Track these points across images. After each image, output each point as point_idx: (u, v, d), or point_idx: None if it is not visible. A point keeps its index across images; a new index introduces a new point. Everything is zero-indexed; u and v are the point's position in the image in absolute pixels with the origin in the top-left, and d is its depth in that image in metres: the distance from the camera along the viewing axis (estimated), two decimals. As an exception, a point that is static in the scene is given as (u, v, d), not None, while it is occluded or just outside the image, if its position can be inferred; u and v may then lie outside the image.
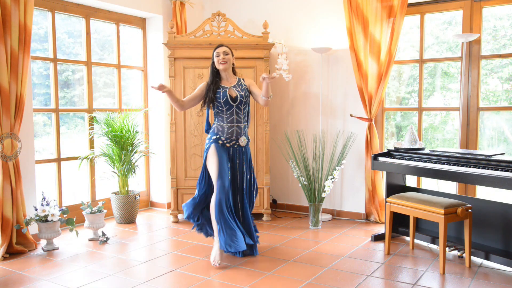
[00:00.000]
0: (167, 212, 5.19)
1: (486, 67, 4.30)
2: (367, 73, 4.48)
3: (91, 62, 4.76)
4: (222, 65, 3.52)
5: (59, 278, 3.17)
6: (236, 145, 3.57)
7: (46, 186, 4.36)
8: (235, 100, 3.53)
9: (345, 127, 4.82)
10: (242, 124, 3.58)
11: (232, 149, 3.56)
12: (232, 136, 3.54)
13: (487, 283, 3.06)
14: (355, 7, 4.44)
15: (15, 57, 3.61)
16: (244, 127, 3.59)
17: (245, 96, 3.57)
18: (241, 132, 3.56)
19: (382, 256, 3.62)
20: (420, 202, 3.40)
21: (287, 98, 5.17)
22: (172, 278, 3.17)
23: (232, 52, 3.60)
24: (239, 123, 3.56)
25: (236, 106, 3.53)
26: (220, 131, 3.54)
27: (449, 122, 4.63)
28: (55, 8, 4.39)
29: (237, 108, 3.54)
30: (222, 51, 3.52)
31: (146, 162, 5.39)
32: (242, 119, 3.58)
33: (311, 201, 4.49)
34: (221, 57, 3.51)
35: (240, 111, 3.56)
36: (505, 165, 3.11)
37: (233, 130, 3.54)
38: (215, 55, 3.55)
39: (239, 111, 3.55)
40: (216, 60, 3.54)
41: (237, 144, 3.57)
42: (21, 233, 3.73)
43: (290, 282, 3.07)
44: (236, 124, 3.54)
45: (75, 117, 4.82)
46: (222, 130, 3.54)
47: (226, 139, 3.53)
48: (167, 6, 5.23)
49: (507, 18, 4.19)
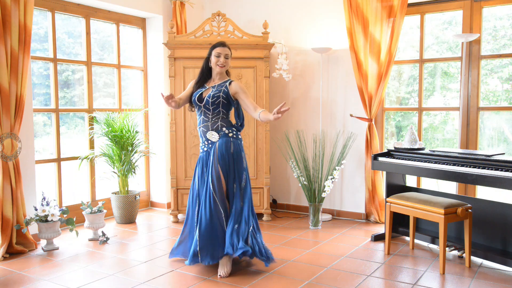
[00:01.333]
0: (167, 212, 5.19)
1: (486, 67, 4.30)
2: (367, 73, 4.48)
3: (91, 62, 4.76)
4: (220, 67, 3.33)
5: (59, 278, 3.17)
6: (210, 144, 3.34)
7: (46, 186, 4.36)
8: (201, 100, 3.31)
9: (345, 127, 4.82)
10: (210, 122, 3.31)
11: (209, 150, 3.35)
12: (202, 138, 3.37)
13: (487, 283, 3.06)
14: (355, 7, 4.44)
15: (15, 57, 3.61)
16: (212, 124, 3.31)
17: (217, 97, 3.28)
18: (207, 130, 3.33)
19: (382, 256, 3.62)
20: (420, 202, 3.40)
21: (287, 98, 5.17)
22: (172, 278, 3.17)
23: (231, 54, 3.42)
24: (206, 122, 3.33)
25: (204, 106, 3.30)
26: (201, 136, 3.40)
27: (449, 122, 4.63)
28: (55, 8, 4.39)
29: (205, 109, 3.31)
30: (224, 54, 3.31)
31: (146, 162, 5.39)
32: (210, 119, 3.31)
33: (311, 201, 4.49)
34: (222, 60, 3.31)
35: (209, 111, 3.31)
36: (505, 165, 3.11)
37: (201, 131, 3.37)
38: (214, 54, 3.32)
39: (208, 111, 3.31)
40: (215, 60, 3.32)
41: (210, 142, 3.34)
42: (21, 233, 3.73)
43: (290, 282, 3.07)
44: (203, 124, 3.35)
45: (75, 117, 4.82)
46: (201, 134, 3.39)
47: (201, 144, 3.40)
48: (167, 6, 5.23)
49: (507, 18, 4.19)
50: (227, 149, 3.28)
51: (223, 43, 3.37)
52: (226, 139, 3.30)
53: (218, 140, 3.30)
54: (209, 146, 3.35)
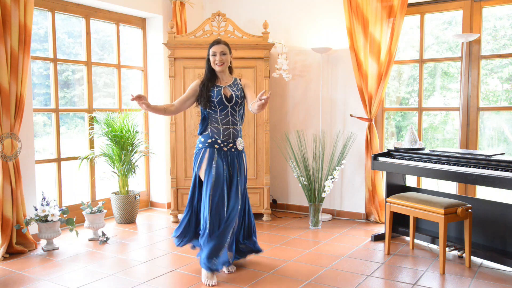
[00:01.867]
0: (167, 212, 5.19)
1: (486, 67, 4.29)
2: (367, 73, 4.48)
3: (91, 62, 4.76)
4: (218, 66, 3.21)
5: (59, 278, 3.17)
6: (233, 149, 3.26)
7: (46, 186, 4.36)
8: (230, 100, 3.22)
9: (345, 127, 4.82)
10: (239, 126, 3.29)
11: (230, 153, 3.25)
12: (229, 139, 3.24)
13: (487, 283, 3.06)
14: (355, 7, 4.44)
15: (15, 57, 3.61)
16: (240, 130, 3.32)
17: (240, 97, 3.26)
18: (237, 135, 3.28)
19: (382, 256, 3.62)
20: (420, 202, 3.40)
21: (287, 98, 5.17)
22: (172, 278, 3.17)
23: (230, 50, 3.27)
24: (235, 125, 3.26)
25: (231, 107, 3.22)
26: (215, 133, 3.24)
27: (449, 122, 4.63)
28: (55, 8, 4.39)
29: (232, 109, 3.23)
30: (220, 51, 3.19)
31: (146, 162, 5.39)
32: (238, 121, 3.28)
33: (311, 201, 4.49)
34: (218, 58, 3.19)
35: (235, 112, 3.25)
36: (505, 165, 3.11)
37: (229, 132, 3.24)
38: (211, 54, 3.22)
39: (234, 112, 3.25)
40: (212, 60, 3.22)
41: (235, 148, 3.27)
42: (21, 233, 3.73)
43: (290, 282, 3.07)
44: (232, 126, 3.24)
45: (75, 117, 4.82)
46: (218, 133, 3.24)
47: (223, 142, 3.23)
48: (167, 6, 5.23)
49: (507, 18, 4.19)
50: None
51: (217, 40, 3.24)
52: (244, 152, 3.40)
53: (243, 151, 3.34)
54: (232, 148, 3.26)
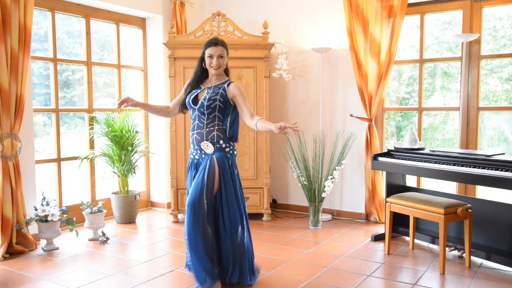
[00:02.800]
0: (167, 212, 5.19)
1: (486, 67, 4.30)
2: (367, 73, 4.48)
3: (91, 62, 4.76)
4: (214, 70, 2.97)
5: (59, 278, 3.17)
6: (203, 154, 3.00)
7: (46, 186, 4.36)
8: (196, 102, 2.99)
9: (345, 127, 4.82)
10: (205, 130, 2.97)
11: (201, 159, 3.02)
12: (195, 146, 3.02)
13: (487, 283, 3.06)
14: (355, 7, 4.44)
15: (15, 57, 3.61)
16: (208, 132, 2.97)
17: (213, 100, 2.94)
18: (201, 139, 2.98)
19: (382, 256, 3.62)
20: (420, 202, 3.40)
21: (287, 98, 5.17)
22: (172, 278, 3.17)
23: (227, 51, 3.03)
24: (200, 129, 2.98)
25: (198, 109, 2.97)
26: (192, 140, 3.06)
27: (449, 122, 4.63)
28: (55, 8, 4.39)
29: (200, 112, 2.98)
30: (217, 55, 2.94)
31: (146, 162, 5.39)
32: (205, 125, 2.97)
33: (311, 201, 4.49)
34: (215, 61, 2.94)
35: (204, 115, 2.97)
36: (505, 165, 3.11)
37: (193, 138, 3.02)
38: (206, 55, 2.97)
39: (202, 115, 2.97)
40: (208, 62, 2.97)
41: (203, 152, 2.99)
42: (21, 233, 3.73)
43: (290, 282, 3.07)
44: (196, 130, 3.00)
45: (75, 117, 4.82)
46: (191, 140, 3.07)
47: (192, 150, 3.06)
48: (167, 6, 5.23)
49: (507, 18, 4.19)
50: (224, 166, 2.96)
51: (215, 41, 2.97)
52: (224, 154, 2.98)
53: (214, 153, 2.96)
54: (202, 156, 3.02)
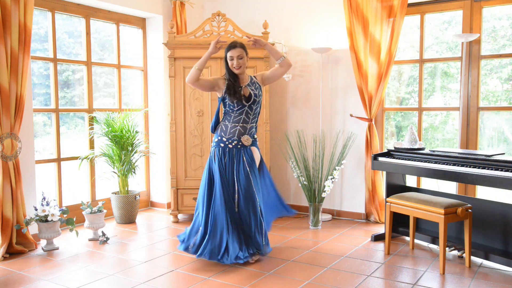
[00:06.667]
0: (167, 212, 5.19)
1: (486, 67, 4.30)
2: (367, 73, 4.48)
3: (91, 62, 4.77)
4: (236, 70, 3.39)
5: (59, 278, 3.17)
6: (239, 145, 3.44)
7: (46, 186, 4.36)
8: (249, 99, 3.42)
9: (345, 127, 4.82)
10: (249, 124, 3.47)
11: (235, 150, 3.43)
12: (233, 136, 3.43)
13: (487, 283, 3.06)
14: (355, 7, 4.44)
15: (15, 57, 3.61)
16: (251, 127, 3.48)
17: (258, 95, 3.47)
18: (244, 132, 3.45)
19: (382, 256, 3.62)
20: (420, 202, 3.40)
21: (287, 98, 5.17)
22: (172, 278, 3.18)
23: (246, 51, 3.43)
24: (245, 123, 3.45)
25: (249, 106, 3.43)
26: (223, 131, 3.45)
27: (449, 122, 4.63)
28: (55, 8, 4.39)
29: (249, 108, 3.44)
30: (236, 55, 3.36)
31: (146, 162, 5.39)
32: (250, 120, 3.47)
33: (311, 201, 4.49)
34: (236, 62, 3.37)
35: (251, 111, 3.45)
36: (505, 165, 3.11)
37: (235, 130, 3.43)
38: (228, 58, 3.40)
39: (250, 110, 3.45)
40: (230, 64, 3.40)
41: (241, 144, 3.44)
42: (21, 233, 3.73)
43: (290, 282, 3.07)
44: (241, 124, 3.44)
45: (75, 117, 4.82)
46: (226, 130, 3.45)
47: (228, 140, 3.43)
48: (167, 6, 5.23)
49: (506, 18, 4.19)
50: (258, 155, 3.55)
51: (234, 45, 3.39)
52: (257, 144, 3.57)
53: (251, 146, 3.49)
54: (238, 146, 3.44)
